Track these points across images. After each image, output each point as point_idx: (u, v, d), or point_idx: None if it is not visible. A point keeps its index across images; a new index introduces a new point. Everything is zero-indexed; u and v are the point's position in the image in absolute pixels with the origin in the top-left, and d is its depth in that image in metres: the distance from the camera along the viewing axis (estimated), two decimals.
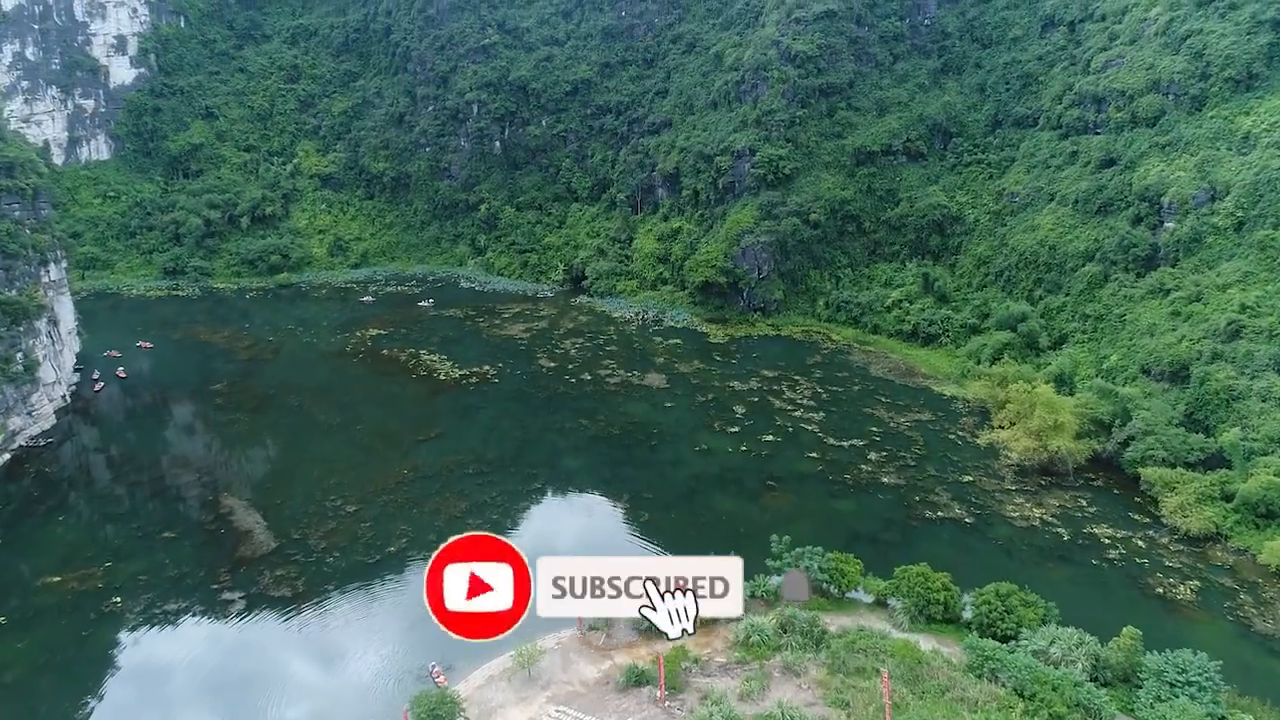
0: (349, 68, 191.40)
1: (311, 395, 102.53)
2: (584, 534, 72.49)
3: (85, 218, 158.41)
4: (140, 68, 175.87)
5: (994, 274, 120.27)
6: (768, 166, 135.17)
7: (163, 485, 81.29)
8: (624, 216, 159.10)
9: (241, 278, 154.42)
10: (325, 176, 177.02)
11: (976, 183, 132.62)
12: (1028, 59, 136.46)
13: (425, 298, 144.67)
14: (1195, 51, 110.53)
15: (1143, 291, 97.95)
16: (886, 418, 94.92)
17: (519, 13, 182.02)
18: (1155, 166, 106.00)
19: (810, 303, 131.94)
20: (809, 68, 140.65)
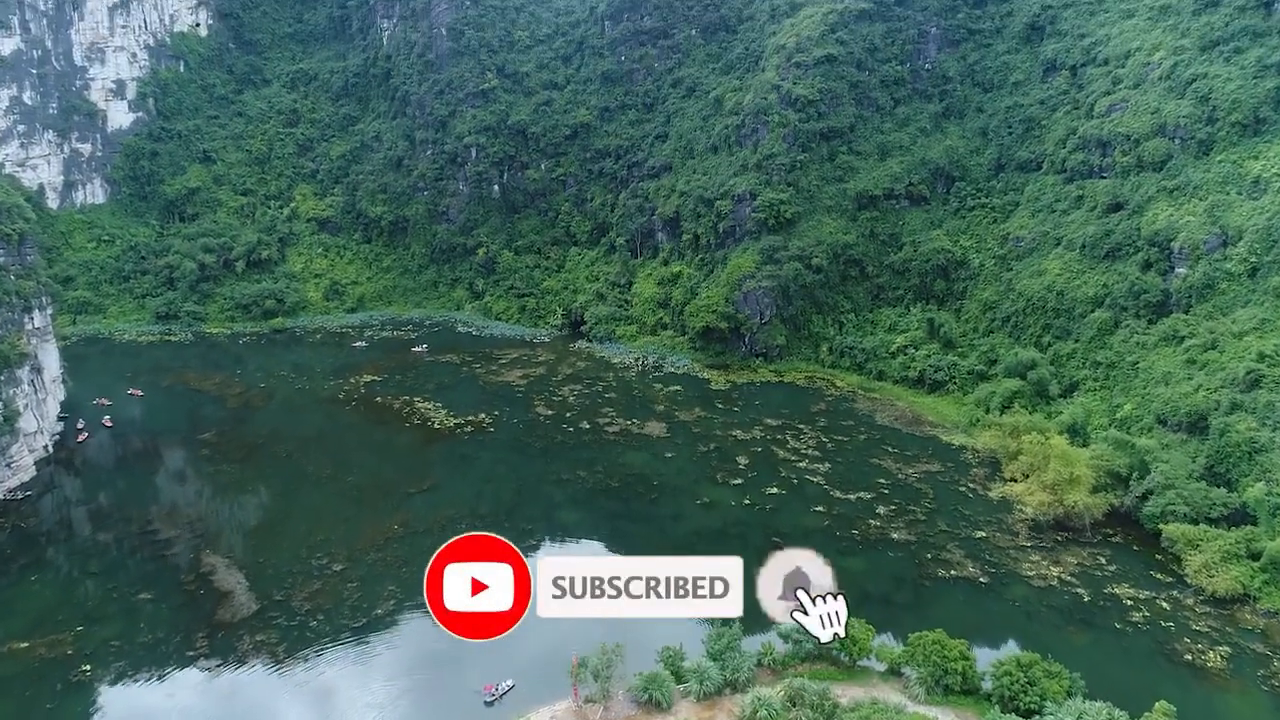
0: (348, 111, 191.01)
1: (301, 444, 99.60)
2: None
3: (78, 262, 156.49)
4: (138, 112, 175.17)
5: (1000, 319, 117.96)
6: (769, 210, 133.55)
7: (143, 541, 78.00)
8: (623, 261, 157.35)
9: (235, 322, 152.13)
10: (322, 220, 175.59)
11: (980, 227, 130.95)
12: (1029, 103, 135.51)
13: (420, 343, 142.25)
14: (1201, 96, 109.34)
15: (1155, 339, 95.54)
16: (894, 469, 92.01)
17: (518, 57, 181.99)
18: (1164, 211, 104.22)
19: (813, 348, 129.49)
20: (810, 112, 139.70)
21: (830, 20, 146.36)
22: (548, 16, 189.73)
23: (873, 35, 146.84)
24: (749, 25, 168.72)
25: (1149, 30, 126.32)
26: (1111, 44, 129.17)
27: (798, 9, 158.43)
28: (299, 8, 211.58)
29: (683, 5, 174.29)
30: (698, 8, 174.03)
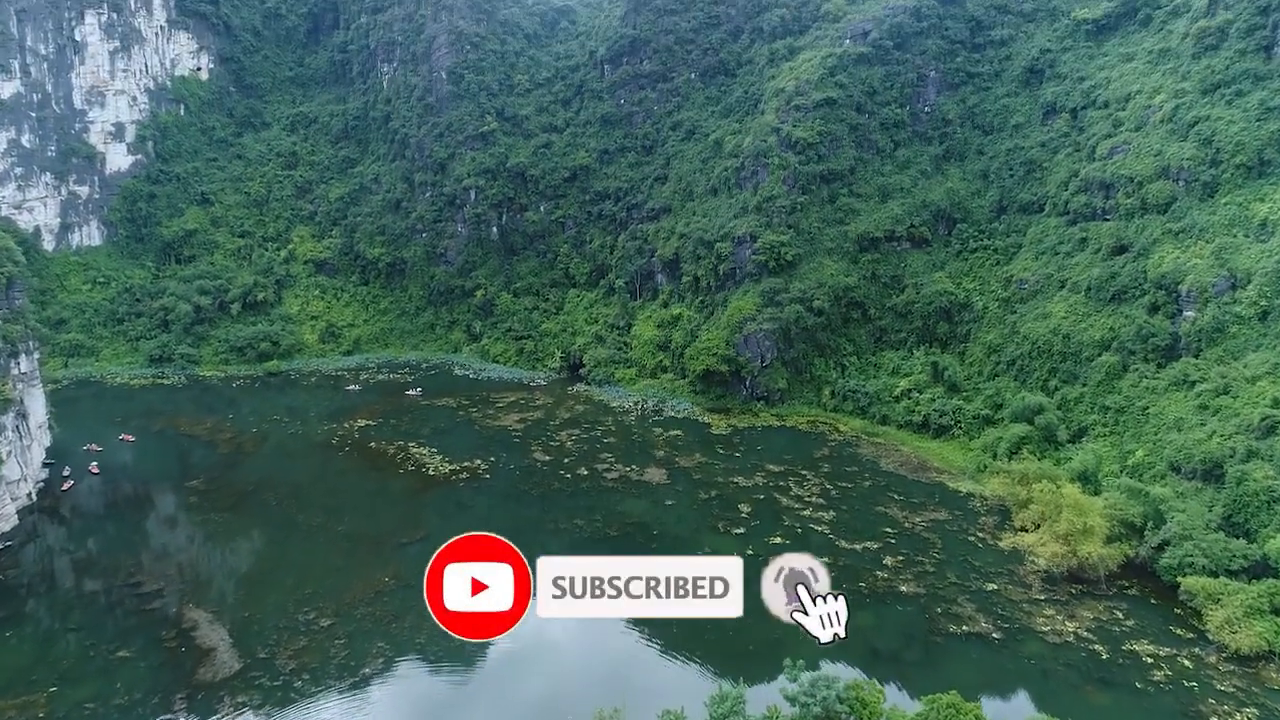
0: (347, 154, 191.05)
1: (292, 492, 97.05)
2: (580, 657, 66.53)
3: (72, 304, 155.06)
4: (137, 154, 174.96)
5: (1005, 363, 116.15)
6: (769, 253, 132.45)
7: (125, 594, 75.14)
8: (623, 303, 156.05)
9: (229, 365, 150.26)
10: (320, 262, 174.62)
11: (983, 269, 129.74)
12: (1030, 145, 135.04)
13: (414, 386, 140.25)
14: (1204, 138, 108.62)
15: (1165, 383, 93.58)
16: (900, 517, 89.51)
17: (518, 101, 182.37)
18: (1170, 253, 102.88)
19: (815, 392, 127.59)
20: (810, 154, 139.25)
21: (829, 64, 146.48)
22: (547, 60, 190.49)
23: (872, 79, 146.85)
24: (748, 69, 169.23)
25: (1148, 73, 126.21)
26: (1111, 87, 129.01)
27: (796, 53, 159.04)
28: (300, 52, 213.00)
29: (682, 50, 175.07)
30: (696, 52, 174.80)
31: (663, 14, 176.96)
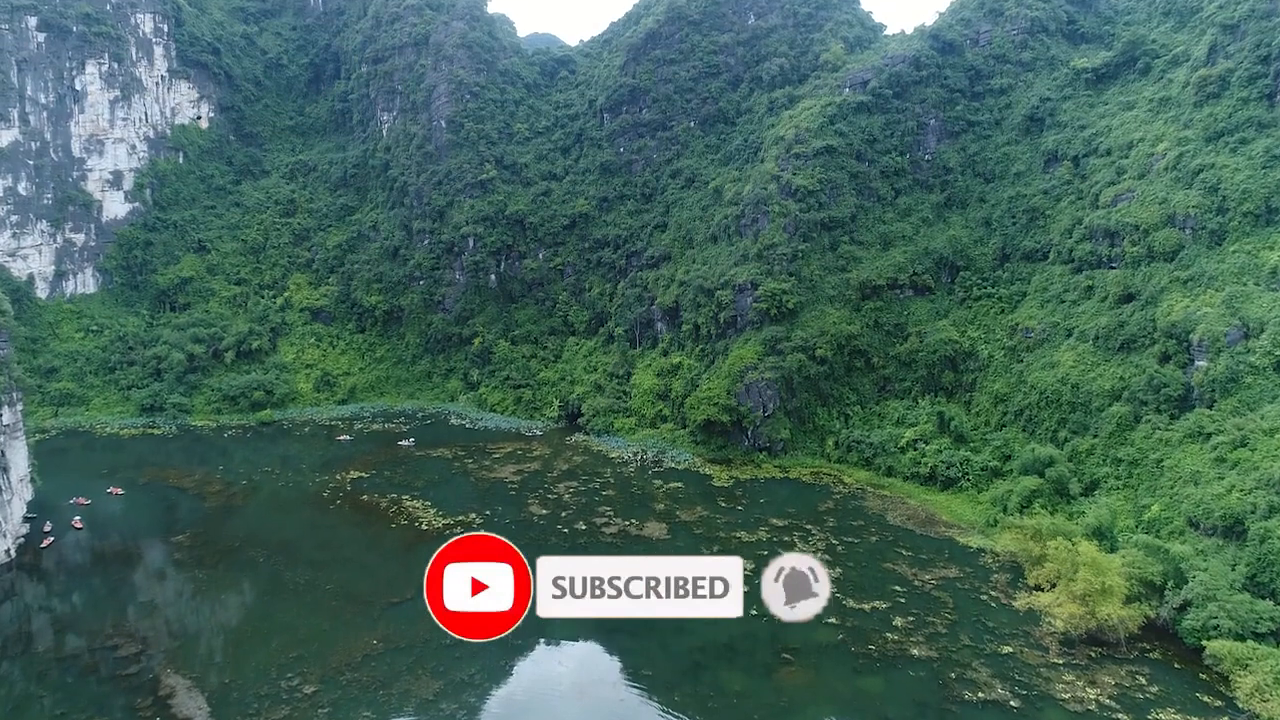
0: (346, 202, 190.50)
1: (281, 548, 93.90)
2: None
3: (64, 352, 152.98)
4: (135, 202, 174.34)
5: (1013, 413, 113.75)
6: (770, 301, 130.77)
7: (101, 658, 71.83)
8: (622, 351, 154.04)
9: (222, 415, 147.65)
10: (316, 309, 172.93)
11: (988, 317, 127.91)
12: (1032, 193, 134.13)
13: (408, 436, 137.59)
14: (1209, 186, 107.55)
15: (1180, 435, 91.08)
16: (909, 574, 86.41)
17: (517, 149, 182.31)
18: (1179, 302, 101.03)
19: (819, 442, 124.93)
20: (810, 202, 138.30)
21: (829, 112, 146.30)
22: (547, 109, 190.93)
23: (871, 127, 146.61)
24: (747, 118, 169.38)
25: (1150, 121, 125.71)
26: (1113, 135, 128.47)
27: (796, 102, 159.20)
28: (301, 101, 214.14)
29: (681, 98, 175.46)
30: (696, 101, 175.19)
31: (662, 63, 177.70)
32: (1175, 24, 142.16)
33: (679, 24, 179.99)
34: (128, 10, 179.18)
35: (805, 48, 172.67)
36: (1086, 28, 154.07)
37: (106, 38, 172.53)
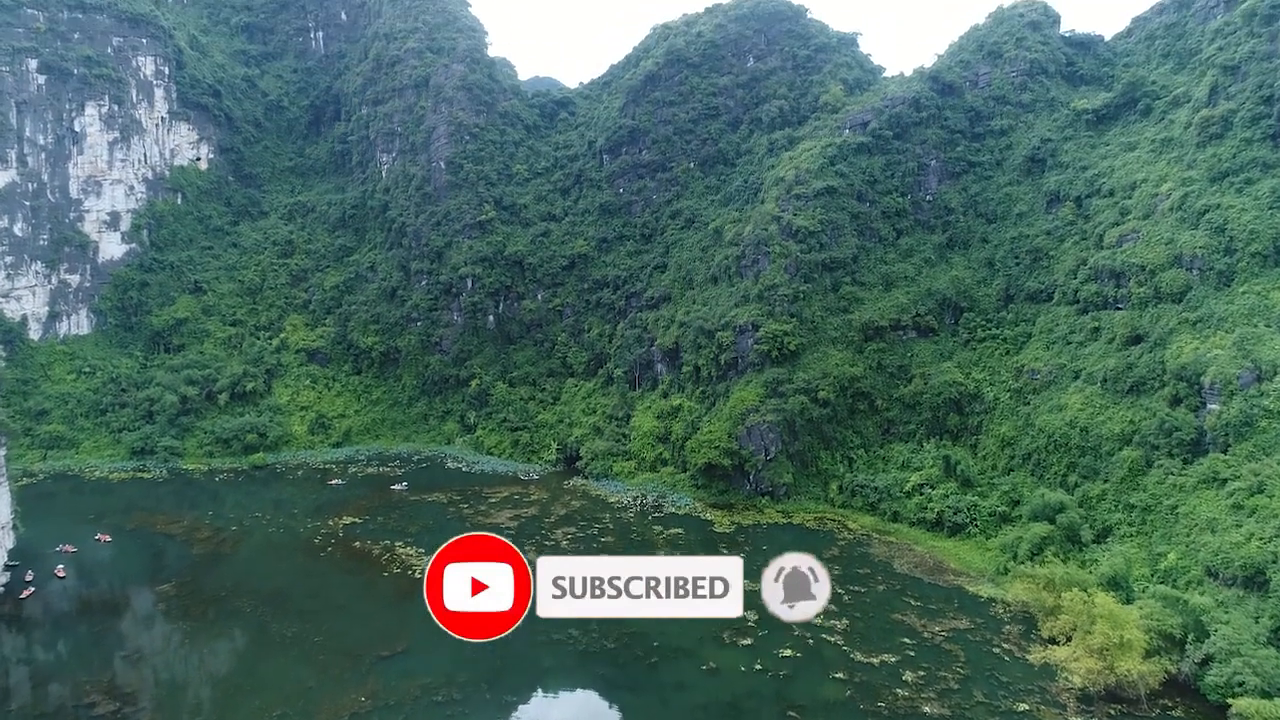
0: (344, 242, 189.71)
1: (269, 598, 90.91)
2: None
3: (55, 394, 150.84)
4: (131, 243, 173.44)
5: (1021, 457, 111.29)
6: (772, 342, 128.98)
7: (78, 716, 68.74)
8: (621, 393, 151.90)
9: (214, 458, 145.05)
10: (312, 351, 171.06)
11: (993, 359, 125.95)
12: (1035, 234, 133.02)
13: (401, 480, 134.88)
14: (1216, 227, 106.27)
15: (1194, 480, 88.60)
16: (919, 625, 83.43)
17: (516, 190, 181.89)
18: (1188, 344, 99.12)
19: (822, 487, 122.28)
20: (811, 243, 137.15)
21: (829, 153, 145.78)
22: (546, 150, 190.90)
23: (872, 168, 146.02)
24: (747, 159, 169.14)
25: (1153, 162, 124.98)
26: (1115, 175, 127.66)
27: (795, 143, 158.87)
28: (301, 143, 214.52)
29: (681, 140, 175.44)
30: (695, 142, 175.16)
31: (661, 105, 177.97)
32: (1174, 66, 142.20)
33: (678, 66, 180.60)
34: (129, 53, 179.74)
35: (804, 89, 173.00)
36: (1085, 70, 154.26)
37: (107, 80, 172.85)
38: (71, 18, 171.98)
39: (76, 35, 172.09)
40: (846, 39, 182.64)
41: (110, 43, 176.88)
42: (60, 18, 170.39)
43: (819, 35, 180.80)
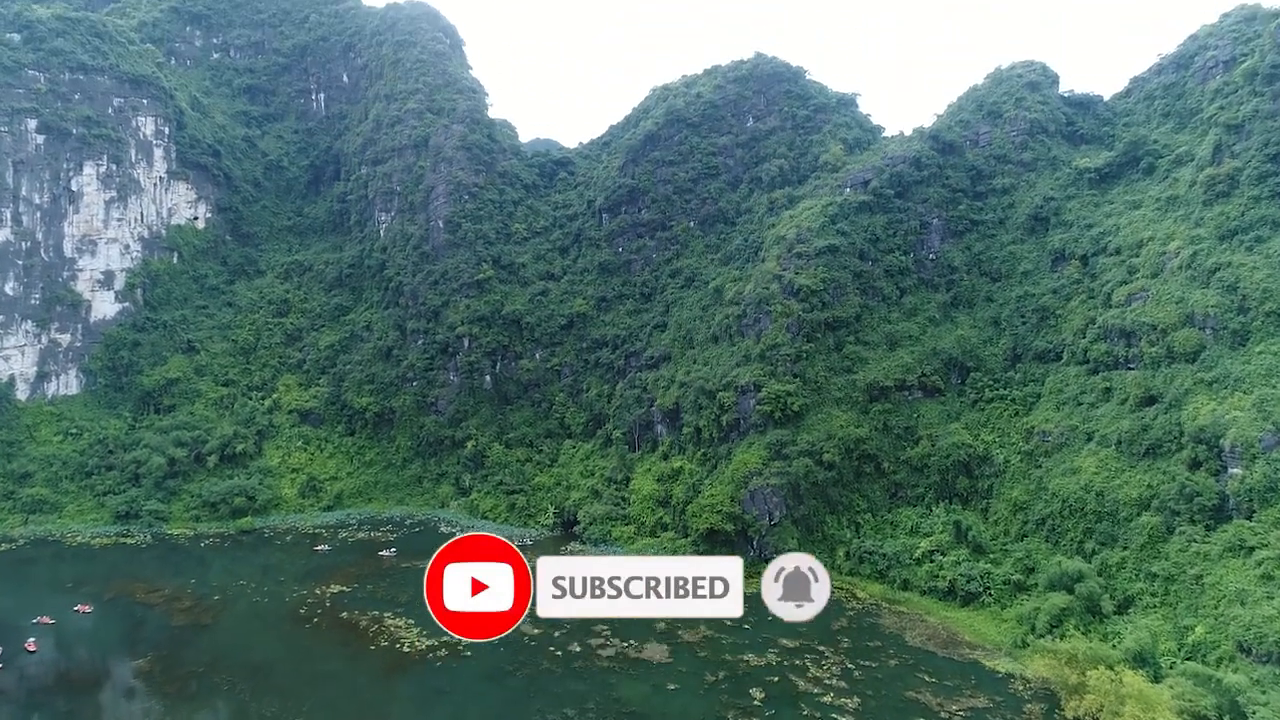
0: (340, 301, 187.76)
1: (249, 674, 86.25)
2: None
3: (40, 456, 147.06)
4: (125, 302, 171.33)
5: (1034, 522, 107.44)
6: (775, 403, 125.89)
7: None
8: (620, 455, 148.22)
9: (200, 522, 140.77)
10: (305, 411, 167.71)
11: (1002, 420, 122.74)
12: (1041, 292, 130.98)
13: (390, 546, 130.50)
14: (1227, 285, 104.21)
15: (1218, 548, 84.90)
16: (935, 704, 78.88)
17: (515, 249, 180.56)
18: (1205, 405, 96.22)
19: (829, 553, 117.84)
20: (813, 301, 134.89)
21: (830, 212, 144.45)
22: (545, 209, 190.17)
23: (874, 226, 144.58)
24: (747, 218, 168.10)
25: (1159, 220, 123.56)
26: (1121, 234, 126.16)
27: (796, 202, 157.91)
28: (300, 202, 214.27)
29: (680, 199, 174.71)
30: (695, 201, 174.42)
31: (661, 164, 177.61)
32: (1175, 125, 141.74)
33: (678, 126, 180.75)
34: (130, 113, 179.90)
35: (804, 149, 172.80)
36: (1086, 129, 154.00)
37: (106, 139, 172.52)
38: (73, 79, 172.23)
39: (77, 96, 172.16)
40: (846, 99, 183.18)
41: (111, 103, 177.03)
42: (62, 79, 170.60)
43: (818, 96, 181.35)
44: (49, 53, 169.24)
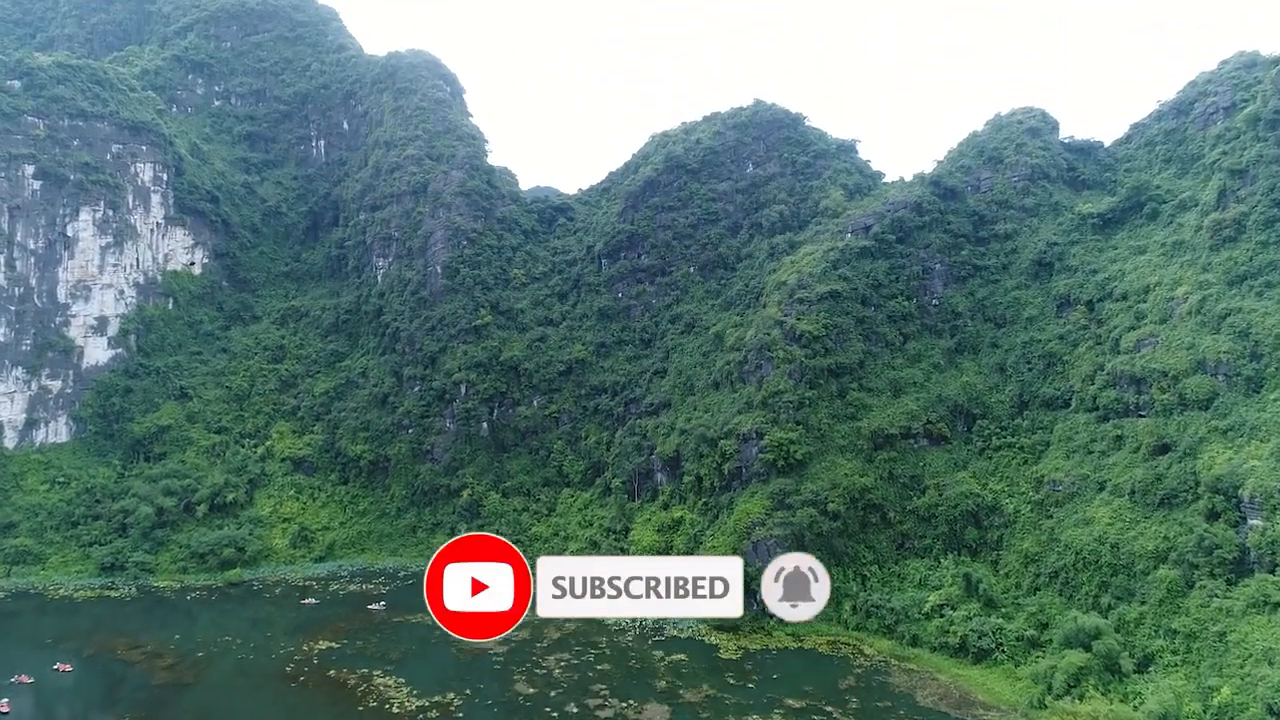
0: (336, 348, 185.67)
1: None
2: None
3: (26, 506, 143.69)
4: (118, 348, 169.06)
5: (1047, 575, 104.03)
6: (777, 451, 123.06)
7: None
8: (619, 504, 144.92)
9: (188, 574, 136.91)
10: (298, 460, 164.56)
11: (1010, 469, 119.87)
12: (1047, 338, 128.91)
13: (379, 599, 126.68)
14: (1239, 331, 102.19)
15: (1242, 604, 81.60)
16: None
17: (513, 294, 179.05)
18: (1221, 454, 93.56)
19: (834, 607, 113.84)
20: (816, 347, 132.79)
21: (831, 257, 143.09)
22: (544, 255, 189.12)
23: (876, 271, 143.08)
24: (748, 263, 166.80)
25: (1165, 265, 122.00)
26: (1127, 279, 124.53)
27: (796, 247, 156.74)
28: (298, 248, 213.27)
29: (680, 244, 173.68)
30: (695, 247, 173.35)
31: (661, 210, 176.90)
32: (1177, 170, 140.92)
33: (677, 172, 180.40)
34: (128, 159, 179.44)
35: (805, 195, 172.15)
36: (1087, 175, 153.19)
37: (104, 185, 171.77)
38: (72, 125, 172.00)
39: (76, 142, 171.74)
40: (845, 145, 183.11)
41: (110, 149, 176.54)
42: (61, 125, 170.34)
43: (818, 142, 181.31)
44: (49, 99, 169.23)
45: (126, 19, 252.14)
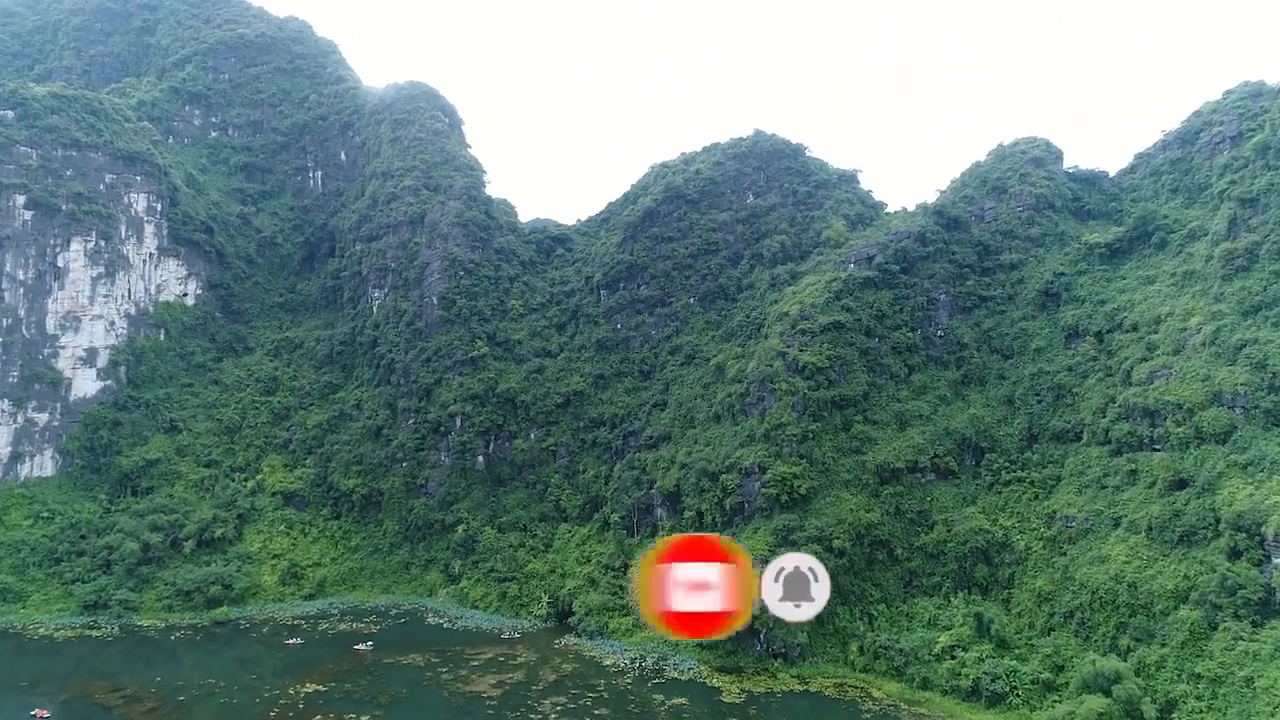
0: (330, 379, 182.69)
1: None
2: None
3: (8, 541, 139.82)
4: (107, 380, 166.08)
5: (1062, 615, 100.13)
6: (780, 485, 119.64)
7: None
8: (618, 540, 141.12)
9: (173, 612, 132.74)
10: (289, 494, 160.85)
11: (1020, 504, 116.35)
12: (1056, 370, 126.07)
13: (366, 639, 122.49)
14: (1255, 362, 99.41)
15: (1269, 647, 78.03)
16: None
17: (511, 326, 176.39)
18: (1241, 489, 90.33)
19: (841, 647, 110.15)
20: (819, 379, 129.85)
21: (834, 288, 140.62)
22: (542, 286, 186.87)
23: (880, 302, 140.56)
24: (749, 294, 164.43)
25: (1175, 295, 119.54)
26: (1137, 309, 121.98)
27: (798, 278, 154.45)
28: (293, 278, 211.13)
29: (680, 275, 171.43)
30: (695, 277, 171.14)
31: (660, 240, 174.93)
32: (1184, 200, 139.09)
33: (677, 203, 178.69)
34: (122, 190, 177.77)
35: (806, 225, 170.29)
36: (1092, 204, 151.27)
37: (96, 216, 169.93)
38: (65, 155, 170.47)
39: (69, 172, 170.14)
40: (847, 175, 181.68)
41: (103, 179, 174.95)
42: (54, 155, 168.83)
43: (819, 172, 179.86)
44: (42, 129, 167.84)
45: (125, 51, 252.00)
